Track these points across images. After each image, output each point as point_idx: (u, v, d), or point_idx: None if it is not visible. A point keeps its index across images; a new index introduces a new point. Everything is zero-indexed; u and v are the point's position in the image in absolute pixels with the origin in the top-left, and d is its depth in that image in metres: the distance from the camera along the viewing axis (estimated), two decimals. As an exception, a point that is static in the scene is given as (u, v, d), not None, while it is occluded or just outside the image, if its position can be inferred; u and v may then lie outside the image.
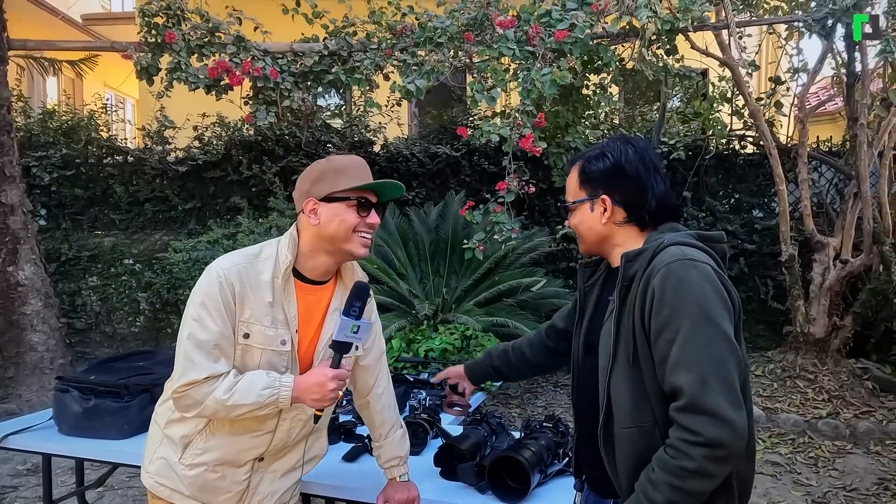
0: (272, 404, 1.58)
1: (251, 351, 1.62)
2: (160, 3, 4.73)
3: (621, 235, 1.53)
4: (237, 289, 1.59)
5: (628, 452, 1.40)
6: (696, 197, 6.46)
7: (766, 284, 6.24)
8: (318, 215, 1.64)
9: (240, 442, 1.69)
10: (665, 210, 1.52)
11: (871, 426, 4.71)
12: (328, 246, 1.67)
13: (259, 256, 1.66)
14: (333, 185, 1.64)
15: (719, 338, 1.29)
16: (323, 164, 1.70)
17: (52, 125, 6.98)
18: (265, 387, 1.57)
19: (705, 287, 1.32)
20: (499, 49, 4.36)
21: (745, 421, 1.27)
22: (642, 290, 1.37)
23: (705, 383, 1.25)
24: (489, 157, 6.48)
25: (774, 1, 5.70)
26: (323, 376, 1.60)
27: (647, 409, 1.37)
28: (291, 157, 6.37)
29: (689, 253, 1.37)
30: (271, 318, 1.63)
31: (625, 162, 1.51)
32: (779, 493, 3.94)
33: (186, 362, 1.55)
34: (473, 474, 2.00)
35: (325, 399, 1.61)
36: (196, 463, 1.67)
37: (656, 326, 1.33)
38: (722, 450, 1.24)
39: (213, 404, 1.55)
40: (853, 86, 5.24)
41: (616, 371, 1.41)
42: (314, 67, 4.86)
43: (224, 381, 1.56)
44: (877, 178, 5.41)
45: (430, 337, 4.32)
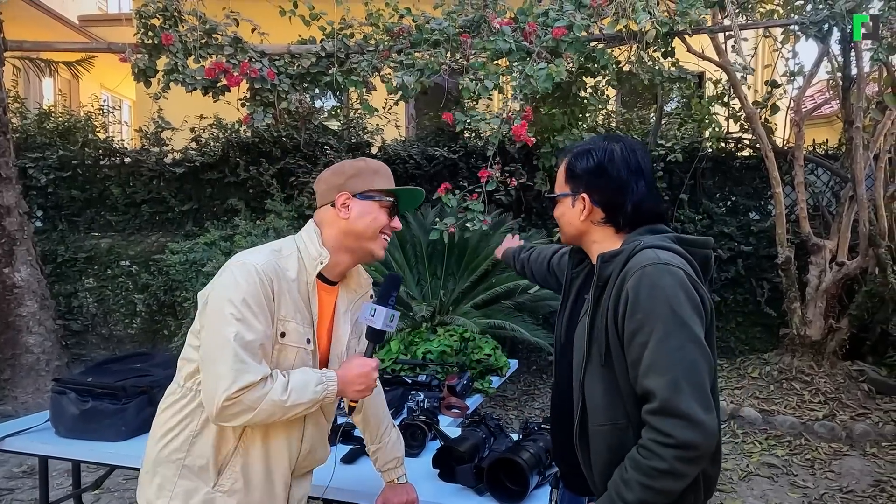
0: (322, 400, 1.55)
1: (286, 350, 1.57)
2: (157, 4, 4.73)
3: (598, 234, 1.55)
4: (275, 285, 1.54)
5: (602, 450, 1.43)
6: (693, 199, 6.48)
7: (763, 287, 6.26)
8: (349, 210, 1.63)
9: (276, 451, 1.62)
10: (643, 215, 1.52)
11: (867, 428, 4.72)
12: (353, 243, 1.65)
13: (282, 253, 1.61)
14: (371, 183, 1.66)
15: (691, 342, 1.31)
16: (359, 162, 1.71)
17: (49, 126, 6.97)
18: (318, 383, 1.54)
19: (678, 292, 1.34)
20: (495, 42, 4.36)
21: (715, 423, 1.30)
22: (616, 292, 1.39)
23: (677, 387, 1.28)
24: (486, 159, 6.47)
25: (770, 4, 5.73)
26: (366, 366, 1.61)
27: (619, 407, 1.40)
28: (289, 158, 6.36)
29: (663, 257, 1.38)
30: (301, 315, 1.60)
31: (607, 162, 1.51)
32: (776, 494, 3.95)
33: (238, 365, 1.45)
34: (472, 476, 2.00)
35: (369, 388, 1.62)
36: (237, 488, 1.58)
37: (629, 329, 1.35)
38: (693, 451, 1.28)
39: (270, 407, 1.47)
40: (849, 89, 5.26)
41: (589, 370, 1.44)
42: (311, 69, 4.87)
43: (277, 382, 1.50)
44: (872, 181, 5.43)
45: (429, 339, 4.31)
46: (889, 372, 5.44)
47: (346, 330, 1.72)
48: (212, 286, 1.56)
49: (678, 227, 6.36)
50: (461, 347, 4.24)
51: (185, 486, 1.56)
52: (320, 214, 1.69)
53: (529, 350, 6.03)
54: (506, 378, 4.19)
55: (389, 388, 3.05)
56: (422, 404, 2.79)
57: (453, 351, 4.15)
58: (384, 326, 1.66)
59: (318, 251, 1.62)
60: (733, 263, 6.29)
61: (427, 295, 5.49)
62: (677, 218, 6.40)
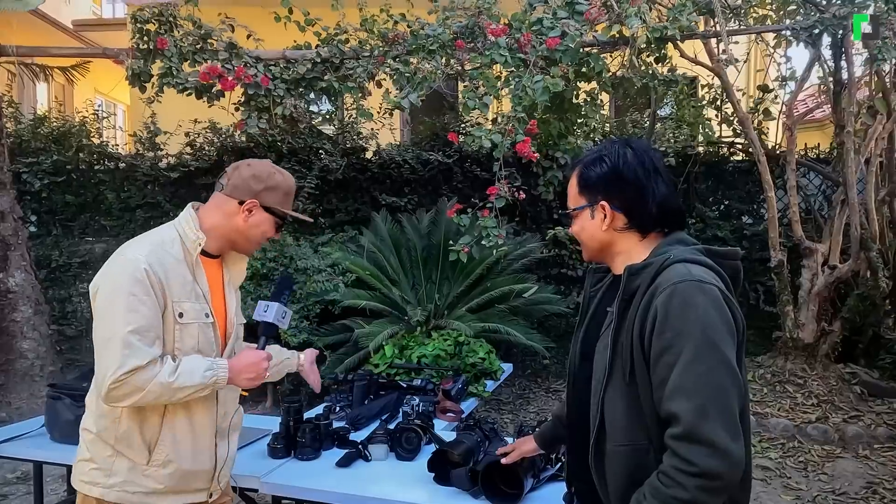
0: (212, 385, 1.67)
1: (188, 328, 1.70)
2: (152, 9, 4.74)
3: (623, 243, 1.48)
4: (161, 271, 1.65)
5: (619, 471, 1.36)
6: (686, 203, 6.50)
7: (756, 290, 6.29)
8: (251, 216, 1.78)
9: (199, 419, 1.75)
10: (667, 214, 1.46)
11: (859, 430, 4.75)
12: (235, 238, 1.81)
13: (164, 240, 1.73)
14: (281, 203, 1.81)
15: (721, 365, 1.25)
16: (280, 178, 1.83)
17: (43, 131, 6.95)
18: (207, 368, 1.66)
19: (710, 311, 1.28)
20: (490, 56, 4.39)
21: (742, 451, 1.23)
22: (644, 307, 1.33)
23: (704, 412, 1.22)
24: (481, 164, 6.50)
25: (763, 10, 5.77)
26: (257, 357, 1.76)
27: (641, 428, 1.33)
28: (283, 163, 6.36)
29: (696, 273, 1.32)
30: (194, 294, 1.73)
31: (623, 166, 1.46)
32: (769, 497, 3.97)
33: (126, 350, 1.57)
34: (467, 479, 2.01)
35: (259, 378, 1.76)
36: (169, 459, 1.70)
37: (657, 348, 1.29)
38: (717, 481, 1.21)
39: (158, 388, 1.59)
40: (840, 94, 5.31)
41: (611, 387, 1.38)
42: (306, 75, 4.87)
43: (167, 365, 1.61)
44: (864, 185, 5.48)
45: (423, 343, 4.32)
46: (881, 374, 5.48)
47: (234, 300, 1.88)
48: (100, 277, 1.67)
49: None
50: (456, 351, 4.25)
51: (121, 465, 1.69)
52: (219, 200, 1.80)
53: (524, 354, 6.05)
54: (500, 382, 4.21)
55: (385, 392, 3.06)
56: (417, 408, 2.80)
57: (448, 355, 4.17)
58: (275, 320, 1.84)
59: (196, 235, 1.75)
60: (727, 267, 6.30)
61: (422, 299, 5.50)
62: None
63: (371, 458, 2.33)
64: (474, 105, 4.33)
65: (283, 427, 2.42)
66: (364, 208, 6.54)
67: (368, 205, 6.54)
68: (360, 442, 2.39)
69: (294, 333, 5.01)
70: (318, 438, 2.38)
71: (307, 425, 2.39)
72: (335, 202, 6.55)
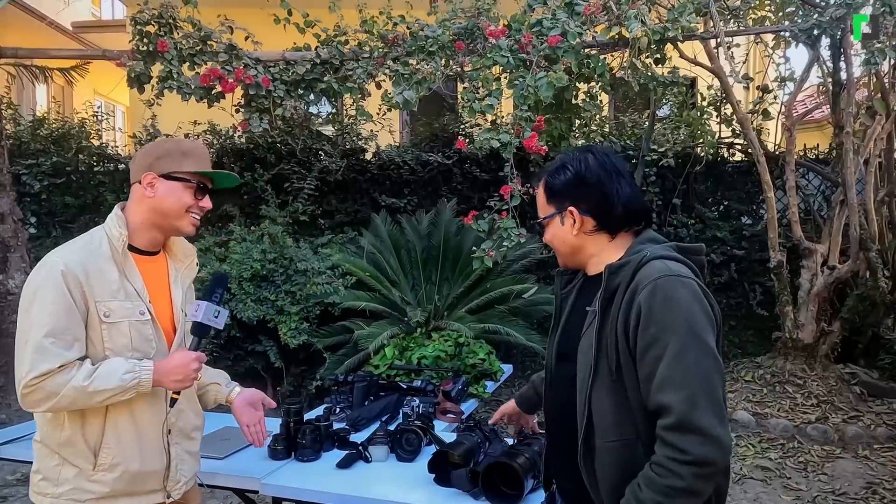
0: (134, 388, 1.62)
1: (117, 327, 1.66)
2: (152, 11, 4.74)
3: (594, 245, 1.54)
4: (81, 272, 1.62)
5: (610, 467, 1.39)
6: (686, 204, 6.52)
7: (755, 290, 6.29)
8: (154, 189, 1.73)
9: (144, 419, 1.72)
10: (633, 213, 1.52)
11: (859, 431, 4.75)
12: (160, 220, 1.76)
13: (91, 241, 1.71)
14: (178, 165, 1.74)
15: (706, 355, 1.30)
16: (169, 143, 1.83)
17: (43, 133, 6.95)
18: (126, 371, 1.61)
19: (692, 304, 1.33)
20: (492, 57, 4.39)
21: (729, 436, 1.29)
22: (626, 304, 1.37)
23: (694, 402, 1.26)
24: (481, 165, 6.51)
25: (761, 11, 5.78)
26: (186, 357, 1.70)
27: (630, 423, 1.37)
28: (283, 165, 6.37)
29: (674, 268, 1.37)
30: (124, 292, 1.69)
31: (585, 171, 1.52)
32: (769, 497, 3.97)
33: (37, 354, 1.55)
34: (467, 480, 2.01)
35: (187, 380, 1.69)
36: (115, 462, 1.67)
37: (643, 343, 1.33)
38: (710, 467, 1.26)
39: (72, 392, 1.56)
40: (839, 94, 5.31)
41: (597, 384, 1.41)
42: (306, 76, 4.88)
43: (82, 369, 1.58)
44: (863, 185, 5.48)
45: (423, 344, 4.33)
46: (881, 375, 5.49)
47: (179, 295, 1.83)
48: (25, 283, 1.66)
49: (671, 231, 6.39)
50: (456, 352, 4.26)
51: (67, 472, 1.66)
52: (131, 192, 1.79)
53: (524, 355, 6.05)
54: (500, 383, 4.21)
55: (385, 393, 3.06)
56: (417, 409, 2.81)
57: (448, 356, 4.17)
58: (205, 320, 1.74)
59: (119, 232, 1.72)
60: (726, 267, 6.32)
61: (422, 300, 5.51)
62: (670, 223, 6.43)
63: (371, 460, 2.33)
64: (478, 108, 4.33)
65: (283, 428, 2.41)
66: (364, 209, 6.54)
67: (368, 206, 6.54)
68: (361, 443, 2.39)
69: (294, 335, 5.02)
70: (318, 440, 2.38)
71: (307, 426, 2.38)
72: (335, 203, 6.55)
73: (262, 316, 5.07)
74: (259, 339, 5.30)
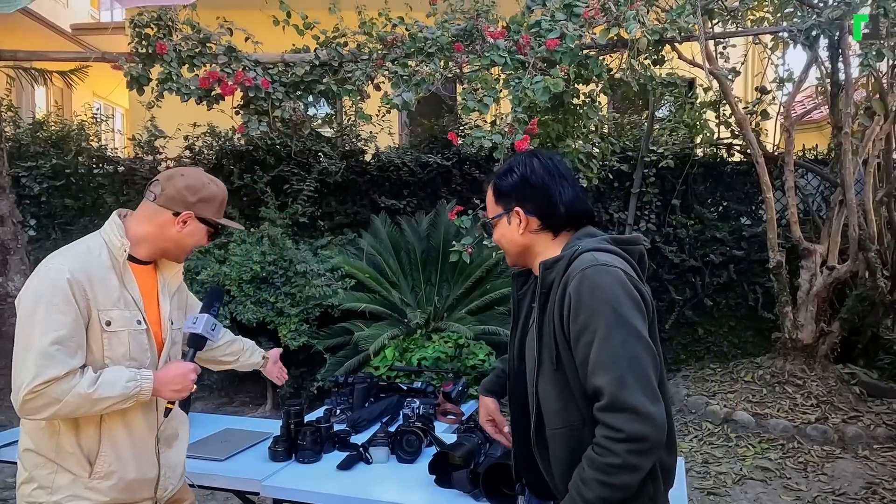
0: (135, 396, 1.65)
1: (118, 336, 1.69)
2: (151, 14, 4.74)
3: (539, 244, 1.61)
4: (86, 280, 1.64)
5: (560, 453, 1.46)
6: (685, 205, 6.52)
7: (755, 291, 6.30)
8: (185, 228, 1.79)
9: (138, 426, 1.75)
10: (575, 214, 1.60)
11: (859, 431, 4.76)
12: (171, 248, 1.82)
13: (91, 250, 1.72)
14: (214, 213, 1.84)
15: (633, 337, 1.36)
16: (214, 188, 1.85)
17: (42, 135, 6.95)
18: (129, 379, 1.64)
19: (617, 290, 1.39)
20: (490, 58, 4.39)
21: (663, 414, 1.34)
22: (560, 296, 1.44)
23: (623, 382, 1.32)
24: (480, 166, 6.51)
25: (760, 12, 5.79)
26: (184, 368, 1.75)
27: (574, 409, 1.44)
28: (283, 166, 6.37)
29: (601, 258, 1.44)
30: (123, 301, 1.72)
31: (530, 173, 1.60)
32: (769, 497, 3.98)
33: (43, 360, 1.56)
34: (468, 482, 2.02)
35: (185, 390, 1.75)
36: (112, 470, 1.70)
37: (575, 330, 1.40)
38: (644, 443, 1.31)
39: (76, 399, 1.57)
40: (837, 95, 5.32)
41: (542, 375, 1.49)
42: (305, 77, 4.88)
43: (86, 376, 1.60)
44: (862, 186, 5.49)
45: (424, 345, 4.33)
46: (880, 375, 5.49)
47: (166, 305, 1.86)
48: (24, 289, 1.66)
49: (670, 232, 6.40)
50: (456, 354, 4.27)
51: (62, 479, 1.67)
52: (150, 210, 1.79)
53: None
54: (500, 384, 4.21)
55: (385, 394, 3.06)
56: (417, 411, 2.81)
57: (448, 357, 4.18)
58: (205, 332, 1.83)
59: (121, 242, 1.73)
60: (725, 268, 6.33)
61: (421, 302, 5.51)
62: (669, 223, 6.44)
63: (372, 461, 2.33)
64: (473, 107, 4.33)
65: (283, 430, 2.42)
66: (363, 211, 6.54)
67: (367, 207, 6.55)
68: (361, 445, 2.40)
69: (294, 336, 5.02)
70: (318, 441, 2.38)
71: (308, 428, 2.39)
72: (334, 205, 6.56)
73: (262, 318, 5.07)
74: (259, 341, 5.27)
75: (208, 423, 2.80)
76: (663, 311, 6.35)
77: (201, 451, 2.42)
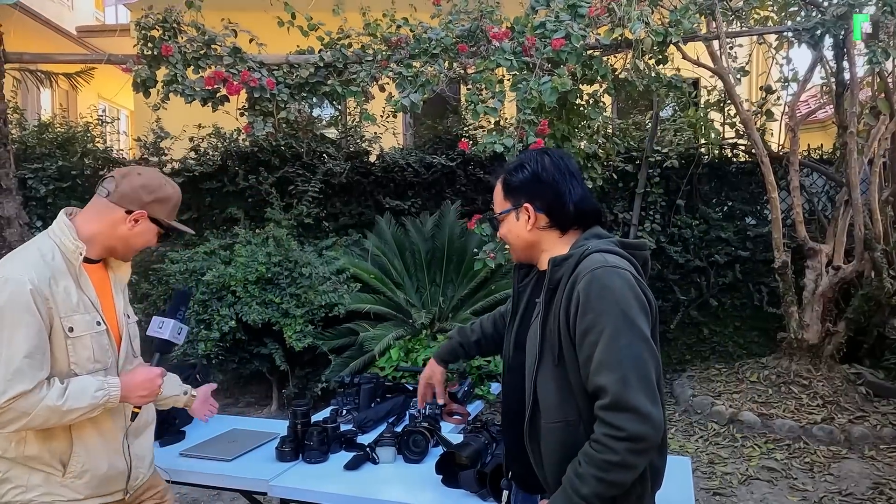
0: (104, 405, 1.67)
1: (81, 341, 1.70)
2: (156, 16, 4.76)
3: (546, 241, 1.63)
4: (47, 288, 1.64)
5: (553, 447, 1.49)
6: (690, 205, 6.51)
7: (760, 291, 6.29)
8: (137, 227, 1.79)
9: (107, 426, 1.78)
10: (584, 213, 1.61)
11: (865, 431, 4.74)
12: (116, 245, 1.81)
13: (44, 254, 1.69)
14: (168, 215, 1.84)
15: (638, 339, 1.39)
16: (170, 189, 1.85)
17: (48, 137, 6.97)
18: (97, 388, 1.66)
19: (626, 292, 1.41)
20: (495, 60, 4.40)
21: (661, 415, 1.38)
22: (567, 294, 1.46)
23: (627, 382, 1.35)
24: (484, 167, 6.51)
25: (765, 11, 5.78)
26: (151, 373, 1.78)
27: (571, 404, 1.47)
28: (287, 167, 6.38)
29: (611, 260, 1.46)
30: (82, 305, 1.72)
31: (541, 170, 1.61)
32: (775, 498, 3.97)
33: (11, 376, 1.55)
34: (475, 481, 2.02)
35: (152, 395, 1.78)
36: (84, 469, 1.73)
37: (581, 329, 1.42)
38: (643, 443, 1.35)
39: (45, 412, 1.58)
40: (842, 94, 5.31)
41: (542, 370, 1.51)
42: (310, 79, 4.89)
43: (53, 388, 1.60)
44: (867, 186, 5.48)
45: (429, 346, 4.34)
46: (886, 375, 5.47)
47: (120, 301, 1.89)
48: None
49: (675, 232, 6.40)
50: (461, 354, 4.26)
51: (36, 478, 1.70)
52: (101, 206, 1.78)
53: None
54: (506, 384, 4.21)
55: (391, 395, 3.07)
56: (423, 411, 2.81)
57: (453, 357, 4.17)
58: (171, 337, 1.84)
59: (76, 245, 1.72)
60: (730, 268, 6.32)
61: (426, 302, 5.52)
62: (674, 223, 6.43)
63: (379, 461, 2.34)
64: (483, 110, 4.34)
65: (290, 430, 2.43)
66: (368, 212, 6.55)
67: (372, 208, 6.56)
68: (368, 445, 2.40)
69: (299, 337, 5.03)
70: (325, 441, 2.39)
71: (315, 428, 2.40)
72: (339, 206, 6.57)
73: (267, 319, 5.08)
74: (264, 342, 5.31)
75: (215, 424, 2.81)
76: (668, 312, 6.34)
77: (208, 451, 2.43)
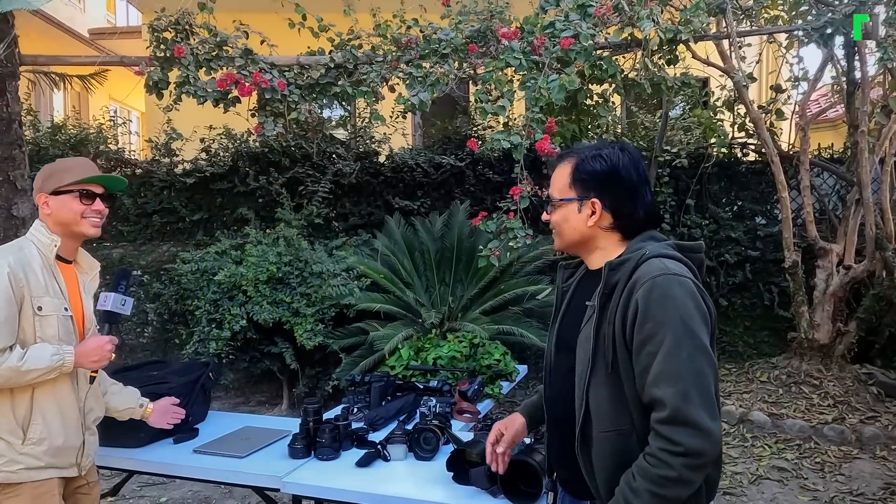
0: (59, 367, 1.92)
1: (48, 319, 1.96)
2: (169, 18, 4.80)
3: (603, 240, 1.56)
4: (20, 270, 1.92)
5: (605, 455, 1.45)
6: (700, 204, 6.50)
7: (771, 291, 6.27)
8: (49, 206, 2.03)
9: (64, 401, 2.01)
10: (651, 222, 1.56)
11: (876, 431, 4.73)
12: (63, 229, 2.04)
13: (24, 250, 1.99)
14: (59, 181, 2.03)
15: (699, 351, 1.34)
16: (53, 165, 2.10)
17: (61, 138, 7.05)
18: (53, 353, 1.92)
19: (687, 302, 1.36)
20: (505, 59, 4.41)
21: (720, 430, 1.34)
22: (624, 300, 1.41)
23: (687, 396, 1.31)
24: (493, 167, 6.53)
25: (774, 10, 5.76)
26: (100, 340, 2.02)
27: (625, 414, 1.41)
28: (297, 168, 6.42)
29: (672, 267, 1.41)
30: (52, 290, 1.99)
31: (621, 167, 1.53)
32: (786, 498, 3.96)
33: None
34: (486, 478, 2.03)
35: (103, 360, 2.01)
36: (42, 437, 1.94)
37: (639, 338, 1.37)
38: (701, 458, 1.31)
39: (7, 372, 1.84)
40: (853, 93, 5.29)
41: (595, 377, 1.45)
42: (320, 80, 4.92)
43: (14, 352, 1.87)
44: (878, 185, 5.45)
45: (438, 345, 4.35)
46: (898, 375, 5.45)
47: (89, 303, 2.15)
48: None
49: (685, 232, 6.38)
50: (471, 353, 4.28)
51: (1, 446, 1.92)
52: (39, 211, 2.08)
53: (538, 355, 6.04)
54: (515, 383, 4.23)
55: (402, 393, 3.09)
56: (434, 409, 2.83)
57: (463, 357, 4.19)
58: (114, 308, 2.09)
59: (50, 238, 2.03)
60: (741, 268, 6.30)
61: (436, 302, 5.54)
62: (684, 223, 6.42)
63: (390, 458, 2.36)
64: (492, 109, 4.35)
65: (302, 428, 2.45)
66: (377, 212, 6.58)
67: (382, 208, 6.59)
68: (379, 442, 2.42)
69: (309, 336, 5.07)
70: (337, 439, 2.41)
71: (326, 426, 2.42)
72: (349, 206, 6.60)
73: (278, 318, 5.12)
74: (275, 341, 5.35)
75: (228, 421, 2.85)
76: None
77: (222, 448, 2.46)
